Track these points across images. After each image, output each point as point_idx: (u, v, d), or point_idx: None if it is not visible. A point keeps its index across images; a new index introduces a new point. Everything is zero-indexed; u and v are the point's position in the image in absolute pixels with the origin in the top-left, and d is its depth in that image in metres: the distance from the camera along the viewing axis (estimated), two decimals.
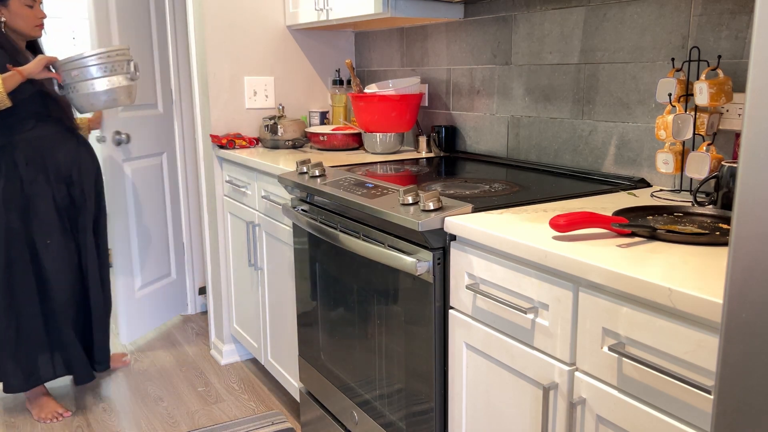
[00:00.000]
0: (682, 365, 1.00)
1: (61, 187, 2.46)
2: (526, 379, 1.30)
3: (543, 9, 2.03)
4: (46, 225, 2.42)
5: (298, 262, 2.13)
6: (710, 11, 1.57)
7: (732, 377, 0.76)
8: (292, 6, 2.79)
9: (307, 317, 2.11)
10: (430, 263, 1.47)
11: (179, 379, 2.84)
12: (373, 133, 2.49)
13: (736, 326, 0.75)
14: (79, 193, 2.51)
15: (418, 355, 1.58)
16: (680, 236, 1.20)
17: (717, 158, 1.50)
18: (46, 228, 2.42)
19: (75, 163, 2.49)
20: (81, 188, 2.52)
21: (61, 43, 5.39)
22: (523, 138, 2.17)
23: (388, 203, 1.59)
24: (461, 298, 1.45)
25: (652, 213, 1.40)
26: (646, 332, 1.04)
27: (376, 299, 1.72)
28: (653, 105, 1.73)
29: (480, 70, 2.32)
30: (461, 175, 2.00)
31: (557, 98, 2.02)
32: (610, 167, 1.87)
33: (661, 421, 1.03)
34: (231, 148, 2.70)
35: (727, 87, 1.47)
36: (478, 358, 1.43)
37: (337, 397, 2.00)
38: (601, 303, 1.11)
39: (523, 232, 1.29)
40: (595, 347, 1.14)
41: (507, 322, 1.33)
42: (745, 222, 0.73)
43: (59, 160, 2.44)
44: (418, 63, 2.66)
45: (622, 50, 1.79)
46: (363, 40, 3.01)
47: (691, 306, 0.95)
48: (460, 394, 1.49)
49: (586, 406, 1.17)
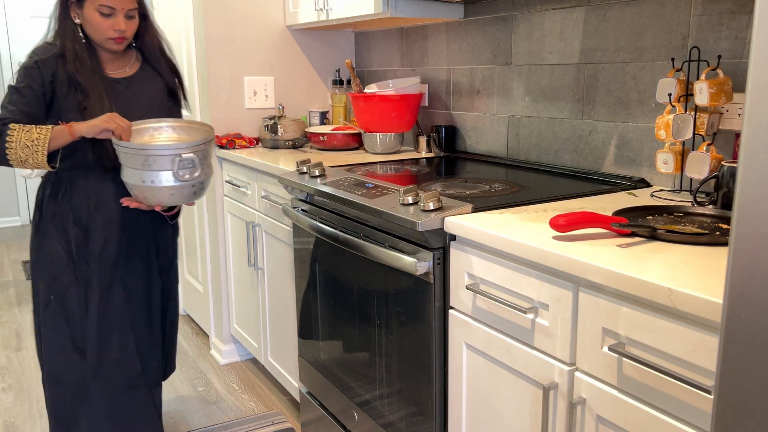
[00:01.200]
0: (682, 365, 1.00)
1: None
2: (526, 379, 1.30)
3: (543, 9, 2.03)
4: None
5: (298, 262, 2.13)
6: (710, 11, 1.57)
7: (732, 377, 0.76)
8: (292, 6, 2.79)
9: (307, 317, 2.11)
10: (430, 263, 1.47)
11: (179, 379, 2.84)
12: (373, 133, 2.49)
13: (736, 326, 0.75)
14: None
15: (418, 355, 1.58)
16: (680, 236, 1.20)
17: (717, 158, 1.50)
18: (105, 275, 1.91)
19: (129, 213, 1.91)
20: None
21: None
22: (523, 138, 2.17)
23: (388, 203, 1.59)
24: (461, 298, 1.45)
25: (652, 213, 1.40)
26: (646, 332, 1.04)
27: (375, 299, 1.72)
28: (653, 105, 1.73)
29: (480, 70, 2.32)
30: (461, 175, 2.00)
31: (557, 98, 2.02)
32: (610, 167, 1.87)
33: (661, 421, 1.03)
34: (231, 148, 2.70)
35: (727, 87, 1.47)
36: (478, 358, 1.43)
37: (337, 397, 2.00)
38: (601, 303, 1.11)
39: (523, 232, 1.29)
40: (595, 347, 1.14)
41: (507, 322, 1.33)
42: (745, 222, 0.73)
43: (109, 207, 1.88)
44: (418, 63, 2.66)
45: (622, 50, 1.79)
46: (363, 40, 3.01)
47: (691, 306, 0.95)
48: (460, 394, 1.49)
49: (586, 406, 1.17)
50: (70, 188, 1.84)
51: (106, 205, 1.86)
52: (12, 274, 4.26)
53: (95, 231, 1.85)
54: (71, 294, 1.87)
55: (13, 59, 5.23)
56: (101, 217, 1.86)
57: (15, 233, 5.31)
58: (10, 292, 3.93)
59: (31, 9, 5.27)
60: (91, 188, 1.85)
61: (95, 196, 1.85)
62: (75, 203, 1.84)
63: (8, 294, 3.89)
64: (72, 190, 1.84)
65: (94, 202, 1.85)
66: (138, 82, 1.90)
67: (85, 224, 1.85)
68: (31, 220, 4.53)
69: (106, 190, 1.86)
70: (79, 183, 1.84)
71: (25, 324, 3.43)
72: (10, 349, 3.14)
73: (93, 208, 1.85)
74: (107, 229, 1.86)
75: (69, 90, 1.76)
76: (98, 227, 1.85)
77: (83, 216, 1.85)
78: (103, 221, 1.86)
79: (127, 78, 1.89)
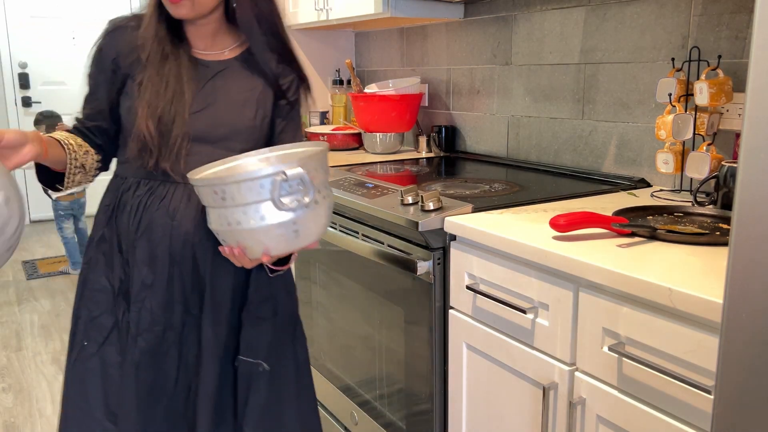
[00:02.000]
0: (682, 365, 1.00)
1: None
2: (526, 379, 1.30)
3: (543, 9, 2.03)
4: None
5: (298, 262, 2.13)
6: (710, 11, 1.57)
7: (732, 377, 0.76)
8: (292, 6, 2.79)
9: (307, 317, 2.11)
10: (430, 263, 1.47)
11: None
12: (373, 133, 2.49)
13: (736, 326, 0.75)
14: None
15: (418, 355, 1.58)
16: (680, 236, 1.20)
17: (717, 158, 1.49)
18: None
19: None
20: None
21: (62, 43, 5.39)
22: (523, 138, 2.17)
23: (388, 203, 1.59)
24: (461, 298, 1.44)
25: (652, 213, 1.40)
26: (646, 332, 1.04)
27: (376, 299, 1.72)
28: (653, 105, 1.73)
29: (480, 70, 2.32)
30: (461, 175, 2.00)
31: (557, 98, 2.02)
32: (610, 167, 1.87)
33: (661, 421, 1.03)
34: None
35: (727, 87, 1.47)
36: (478, 358, 1.43)
37: (337, 397, 2.00)
38: (601, 303, 1.11)
39: (523, 232, 1.29)
40: (596, 347, 1.14)
41: (507, 322, 1.32)
42: (745, 222, 0.73)
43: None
44: (418, 63, 2.66)
45: (622, 50, 1.79)
46: (363, 40, 3.01)
47: (691, 306, 0.94)
48: (460, 395, 1.49)
49: (586, 406, 1.17)
50: (120, 201, 1.31)
51: (152, 231, 1.27)
52: (12, 274, 4.25)
53: (136, 267, 1.29)
54: (111, 342, 1.33)
55: (13, 59, 5.23)
56: (145, 248, 1.28)
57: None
58: (10, 291, 3.93)
59: (31, 9, 5.27)
60: (142, 205, 1.28)
61: (146, 216, 1.27)
62: (122, 224, 1.30)
63: (8, 294, 3.89)
64: (122, 204, 1.31)
65: (142, 225, 1.28)
66: (235, 70, 1.32)
67: (125, 257, 1.31)
68: (33, 220, 4.48)
69: (159, 210, 1.27)
70: (128, 196, 1.30)
71: (24, 324, 3.43)
72: (10, 349, 3.14)
73: (138, 233, 1.28)
74: (153, 265, 1.28)
75: (134, 62, 1.26)
76: (139, 261, 1.28)
77: (126, 244, 1.30)
78: (148, 254, 1.28)
79: (222, 62, 1.31)
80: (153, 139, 1.22)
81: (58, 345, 3.15)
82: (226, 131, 1.28)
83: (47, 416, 2.54)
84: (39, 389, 2.72)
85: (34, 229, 5.30)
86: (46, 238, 4.99)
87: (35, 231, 5.25)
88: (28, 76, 5.27)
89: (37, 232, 5.20)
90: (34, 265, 4.39)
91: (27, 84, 5.27)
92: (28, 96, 5.28)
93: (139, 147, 1.23)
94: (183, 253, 1.28)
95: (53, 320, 3.46)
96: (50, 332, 3.31)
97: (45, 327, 3.38)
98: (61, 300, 3.76)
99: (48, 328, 3.36)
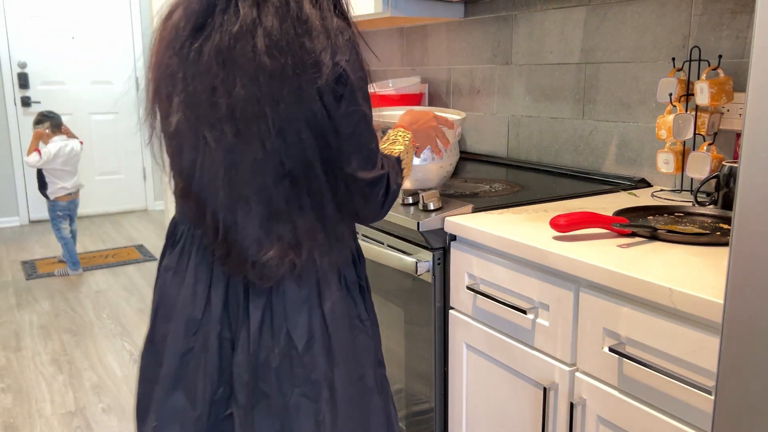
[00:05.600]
0: (682, 365, 0.99)
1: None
2: (527, 380, 1.30)
3: (543, 8, 2.03)
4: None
5: None
6: (711, 11, 1.57)
7: (732, 377, 0.76)
8: None
9: None
10: (431, 263, 1.47)
11: None
12: None
13: (736, 326, 0.75)
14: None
15: (419, 356, 1.57)
16: (681, 236, 1.20)
17: (718, 158, 1.49)
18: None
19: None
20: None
21: (61, 43, 5.39)
22: (523, 138, 2.17)
23: None
24: (461, 298, 1.44)
25: (653, 213, 1.40)
26: (646, 332, 1.04)
27: (376, 299, 1.72)
28: (654, 105, 1.73)
29: (480, 70, 2.32)
30: (461, 175, 2.00)
31: (558, 98, 2.02)
32: (610, 167, 1.87)
33: (661, 422, 1.03)
34: None
35: (727, 87, 1.47)
36: (479, 359, 1.42)
37: None
38: (601, 303, 1.11)
39: (524, 232, 1.29)
40: (596, 348, 1.14)
41: (507, 323, 1.32)
42: (745, 222, 0.72)
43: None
44: (418, 62, 2.65)
45: (623, 50, 1.79)
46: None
47: (691, 306, 0.94)
48: (460, 395, 1.49)
49: (587, 407, 1.17)
50: (163, 263, 1.14)
51: (167, 310, 1.09)
52: (11, 275, 4.25)
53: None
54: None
55: (12, 59, 5.23)
56: (164, 323, 1.09)
57: (14, 233, 5.31)
58: (9, 292, 3.93)
59: (31, 8, 5.27)
60: (168, 279, 1.09)
61: (169, 291, 1.09)
62: (157, 286, 1.13)
63: (7, 294, 3.89)
64: (162, 263, 1.14)
65: (163, 299, 1.10)
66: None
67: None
68: (33, 220, 4.48)
69: (183, 290, 1.06)
70: (165, 259, 1.13)
71: (24, 324, 3.43)
72: (9, 350, 3.14)
73: (156, 304, 1.12)
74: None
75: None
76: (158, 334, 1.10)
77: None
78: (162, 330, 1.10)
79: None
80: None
81: (57, 345, 3.15)
82: None
83: (46, 417, 2.53)
84: (38, 390, 2.72)
85: (34, 230, 5.29)
86: (46, 239, 4.98)
87: (34, 231, 5.25)
88: (28, 76, 5.27)
89: (37, 233, 5.20)
90: (34, 265, 4.38)
91: (26, 84, 5.26)
92: (28, 96, 5.28)
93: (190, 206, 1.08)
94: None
95: (52, 320, 3.46)
96: (49, 332, 3.31)
97: (44, 327, 3.38)
98: (61, 300, 3.75)
99: (47, 329, 3.36)
